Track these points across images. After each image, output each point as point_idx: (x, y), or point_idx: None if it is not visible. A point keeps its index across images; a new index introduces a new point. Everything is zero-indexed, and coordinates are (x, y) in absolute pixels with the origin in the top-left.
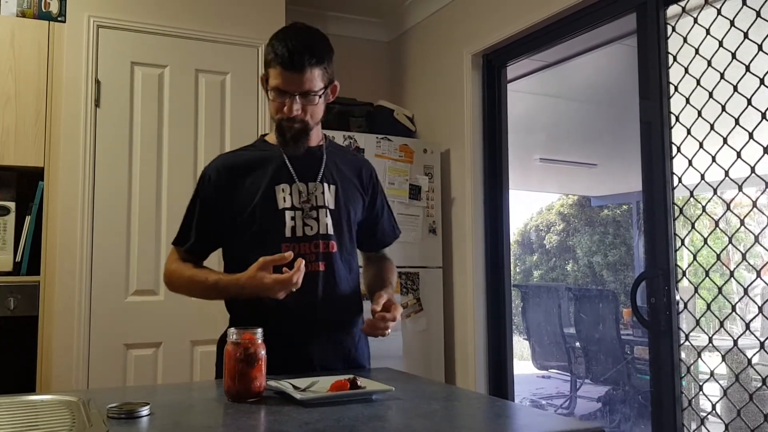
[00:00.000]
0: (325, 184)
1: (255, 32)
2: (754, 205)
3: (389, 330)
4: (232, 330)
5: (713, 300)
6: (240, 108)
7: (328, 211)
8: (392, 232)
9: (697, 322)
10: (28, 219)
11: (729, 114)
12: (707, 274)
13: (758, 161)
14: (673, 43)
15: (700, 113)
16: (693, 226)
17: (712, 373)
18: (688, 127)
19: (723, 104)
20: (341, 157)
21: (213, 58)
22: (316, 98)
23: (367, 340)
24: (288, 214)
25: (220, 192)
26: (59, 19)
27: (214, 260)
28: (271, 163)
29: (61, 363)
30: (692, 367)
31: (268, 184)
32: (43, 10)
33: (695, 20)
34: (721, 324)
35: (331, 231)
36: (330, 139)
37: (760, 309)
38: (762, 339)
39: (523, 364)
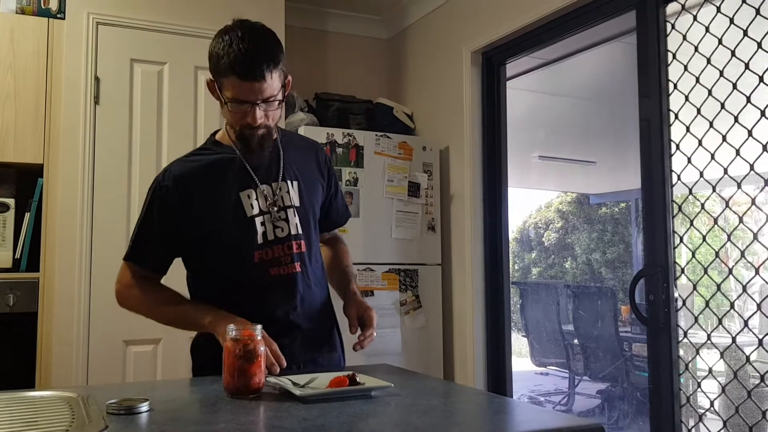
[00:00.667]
0: (289, 182)
1: None
2: (753, 202)
3: (374, 334)
4: (232, 327)
5: (712, 297)
6: None
7: (295, 210)
8: (345, 212)
9: (696, 319)
10: (27, 216)
11: (728, 111)
12: (706, 272)
13: (757, 159)
14: (673, 41)
15: (699, 111)
16: (692, 224)
17: (710, 370)
18: (688, 125)
19: (722, 102)
20: (296, 146)
21: None
22: (276, 102)
23: (339, 333)
24: (258, 221)
25: (180, 202)
26: (58, 16)
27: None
28: (230, 168)
29: (61, 359)
30: (690, 364)
31: (232, 192)
32: (43, 7)
33: (695, 18)
34: (720, 321)
35: (300, 230)
36: (280, 129)
37: (759, 306)
38: (760, 336)
39: (521, 361)
